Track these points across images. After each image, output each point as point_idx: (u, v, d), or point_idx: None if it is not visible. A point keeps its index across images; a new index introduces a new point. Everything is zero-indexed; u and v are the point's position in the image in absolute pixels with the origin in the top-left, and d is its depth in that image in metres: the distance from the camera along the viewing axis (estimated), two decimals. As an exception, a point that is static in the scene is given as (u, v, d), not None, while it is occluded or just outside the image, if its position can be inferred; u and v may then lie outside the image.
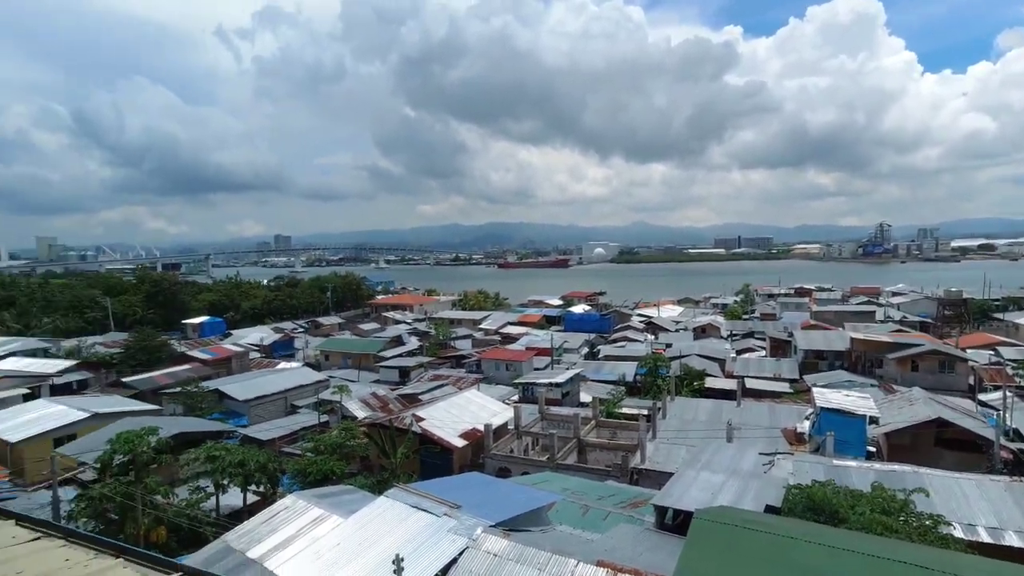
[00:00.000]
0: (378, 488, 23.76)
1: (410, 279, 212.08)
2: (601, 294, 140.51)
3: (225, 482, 25.50)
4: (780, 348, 63.09)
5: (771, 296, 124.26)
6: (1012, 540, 18.18)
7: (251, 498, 26.84)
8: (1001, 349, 54.93)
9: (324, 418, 40.81)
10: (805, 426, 31.58)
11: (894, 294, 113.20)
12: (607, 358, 60.81)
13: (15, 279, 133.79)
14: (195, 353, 60.45)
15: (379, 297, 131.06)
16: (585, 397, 45.08)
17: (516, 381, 48.93)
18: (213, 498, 25.96)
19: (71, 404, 36.33)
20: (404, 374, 56.70)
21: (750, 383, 46.69)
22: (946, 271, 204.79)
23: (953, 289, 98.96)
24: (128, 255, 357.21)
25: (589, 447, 33.70)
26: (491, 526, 14.83)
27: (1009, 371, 44.37)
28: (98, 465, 24.97)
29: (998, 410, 34.49)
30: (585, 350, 69.31)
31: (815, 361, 54.43)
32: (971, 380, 44.86)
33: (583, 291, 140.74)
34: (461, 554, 13.74)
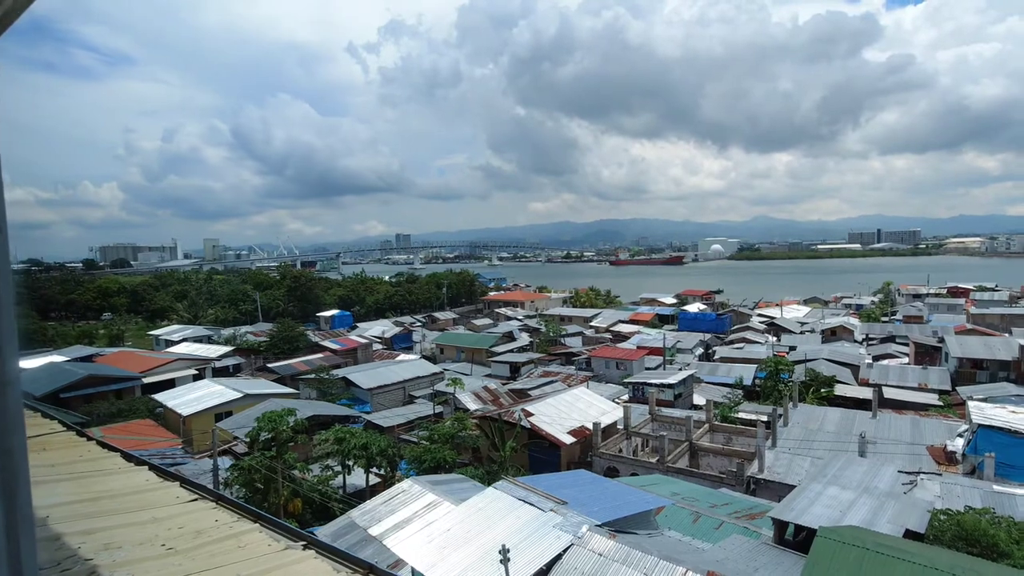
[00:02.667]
0: (487, 479, 24.61)
1: (522, 276, 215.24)
2: (718, 292, 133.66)
3: (351, 463, 27.77)
4: (927, 355, 56.11)
5: (917, 296, 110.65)
6: None
7: (372, 479, 28.99)
8: None
9: (439, 409, 42.71)
10: (958, 444, 27.91)
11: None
12: (723, 359, 57.94)
13: (187, 275, 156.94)
14: (327, 343, 66.20)
15: (492, 294, 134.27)
16: (699, 399, 43.32)
17: (626, 380, 48.09)
18: (340, 476, 28.39)
19: (228, 385, 41.47)
20: (515, 369, 57.89)
21: (889, 392, 42.04)
22: None
23: None
24: (273, 254, 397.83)
25: (702, 452, 32.37)
26: (597, 525, 14.80)
27: None
28: (247, 439, 28.36)
29: None
30: (700, 351, 66.60)
31: (971, 371, 47.76)
32: None
33: (698, 289, 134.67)
34: (566, 550, 13.87)
